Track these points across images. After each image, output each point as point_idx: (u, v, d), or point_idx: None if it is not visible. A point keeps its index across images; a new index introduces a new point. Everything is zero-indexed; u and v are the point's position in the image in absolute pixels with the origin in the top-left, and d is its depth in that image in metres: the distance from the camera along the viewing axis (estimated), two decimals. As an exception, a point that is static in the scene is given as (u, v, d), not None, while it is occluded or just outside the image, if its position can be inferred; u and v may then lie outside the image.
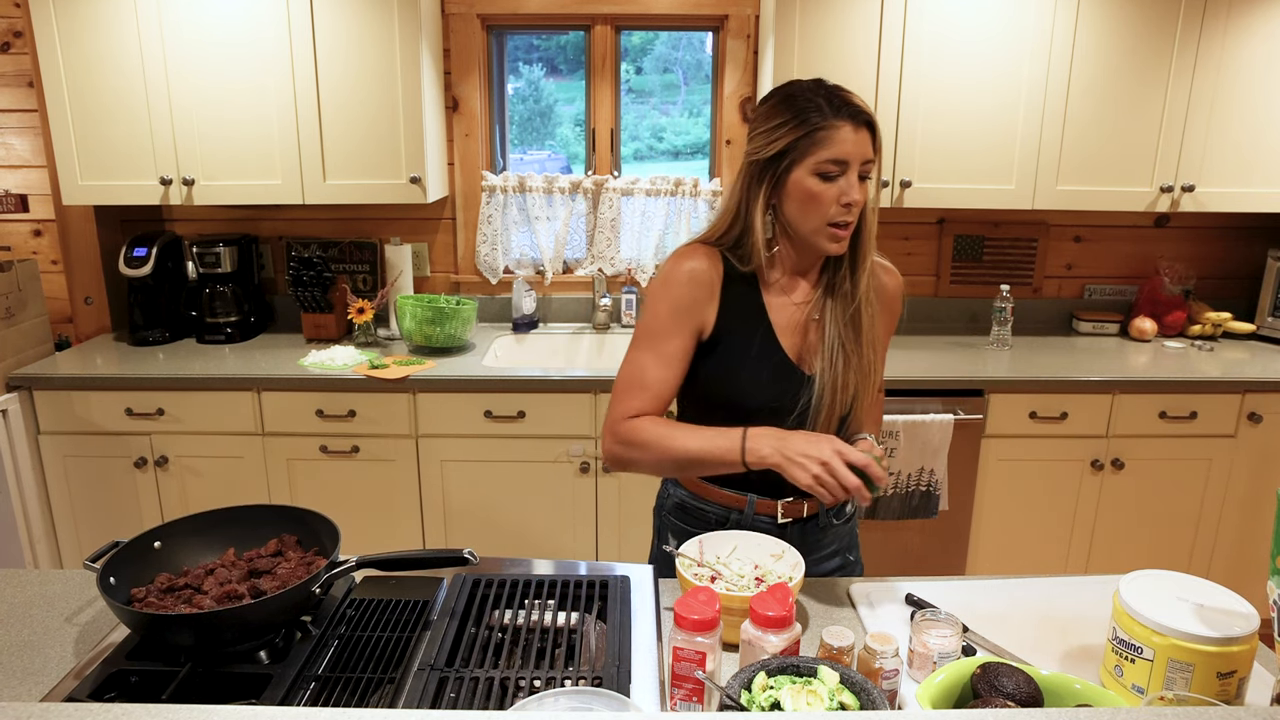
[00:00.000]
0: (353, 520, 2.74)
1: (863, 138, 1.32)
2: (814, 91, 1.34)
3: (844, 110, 1.31)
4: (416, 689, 1.09)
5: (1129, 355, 2.89)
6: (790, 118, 1.33)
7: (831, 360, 1.41)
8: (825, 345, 1.42)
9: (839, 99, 1.33)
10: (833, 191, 1.33)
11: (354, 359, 2.74)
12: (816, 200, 1.33)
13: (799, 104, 1.33)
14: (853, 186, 1.32)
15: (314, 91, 2.70)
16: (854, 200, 1.32)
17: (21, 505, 2.62)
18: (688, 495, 1.54)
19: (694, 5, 2.99)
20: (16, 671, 1.17)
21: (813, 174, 1.33)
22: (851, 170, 1.33)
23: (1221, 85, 2.72)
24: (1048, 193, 2.79)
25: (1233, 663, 1.04)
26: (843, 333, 1.42)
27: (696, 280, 1.41)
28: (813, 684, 1.02)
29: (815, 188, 1.33)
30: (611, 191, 3.12)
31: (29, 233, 2.89)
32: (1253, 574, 2.83)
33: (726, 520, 1.51)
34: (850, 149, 1.31)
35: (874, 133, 1.34)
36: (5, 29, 2.77)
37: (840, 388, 1.41)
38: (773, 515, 1.49)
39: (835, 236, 1.36)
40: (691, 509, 1.54)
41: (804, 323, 1.45)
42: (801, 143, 1.32)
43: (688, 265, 1.42)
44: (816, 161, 1.32)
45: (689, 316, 1.41)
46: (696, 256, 1.42)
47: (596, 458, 2.67)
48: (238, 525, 1.36)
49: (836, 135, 1.31)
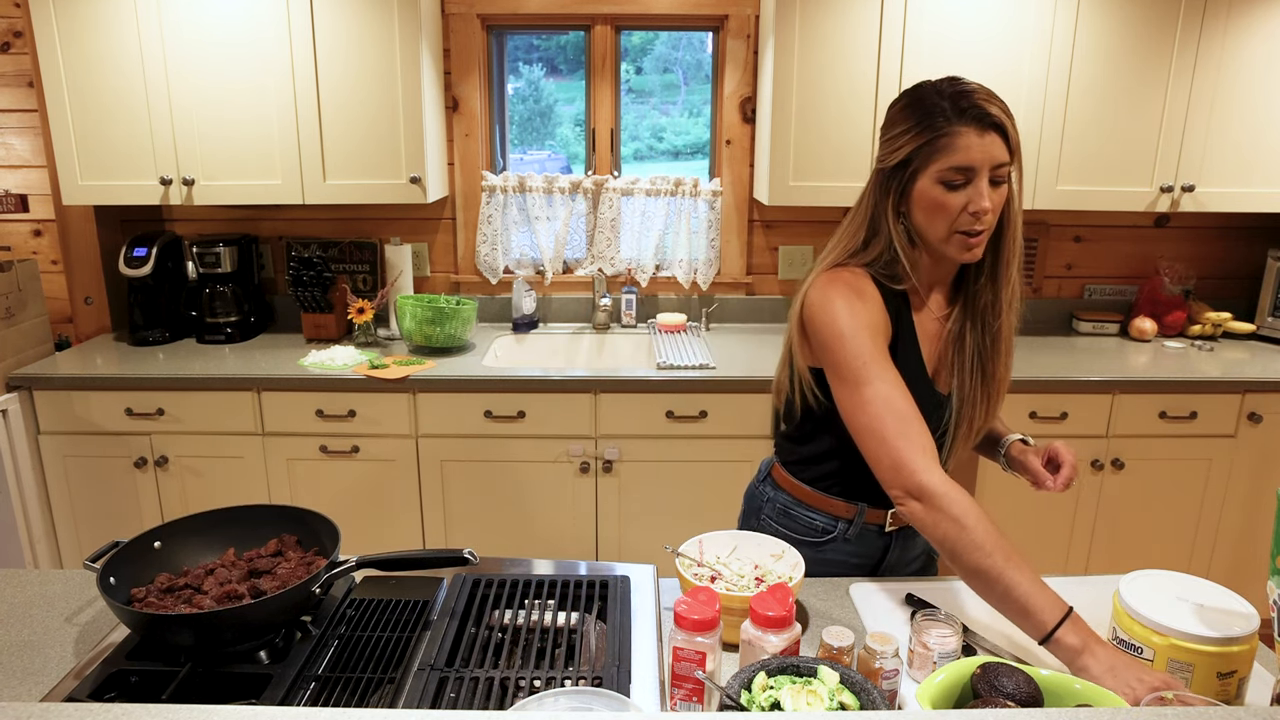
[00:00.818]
0: (353, 520, 2.74)
1: (990, 141, 1.23)
2: (939, 94, 1.26)
3: (968, 114, 1.22)
4: (416, 689, 1.09)
5: (1129, 355, 2.89)
6: (914, 123, 1.26)
7: (971, 379, 1.35)
8: (964, 362, 1.34)
9: (964, 101, 1.23)
10: (959, 200, 1.25)
11: (354, 359, 2.74)
12: (943, 209, 1.26)
13: (923, 108, 1.26)
14: (981, 194, 1.24)
15: (314, 91, 2.70)
16: (982, 209, 1.24)
17: (21, 505, 2.62)
18: (791, 501, 1.50)
19: (694, 5, 2.99)
20: (16, 671, 1.17)
21: (937, 182, 1.25)
22: (980, 177, 1.24)
23: (1221, 85, 2.72)
24: (1048, 193, 2.79)
25: (1233, 663, 1.04)
26: (983, 350, 1.34)
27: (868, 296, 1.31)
28: (813, 684, 1.02)
29: (940, 197, 1.25)
30: (611, 191, 3.12)
31: (29, 233, 2.89)
32: (1253, 574, 2.83)
33: (833, 529, 1.47)
34: (976, 155, 1.22)
35: (1006, 134, 1.24)
36: (5, 29, 2.77)
37: (979, 403, 1.36)
38: (880, 524, 1.47)
39: (967, 245, 1.28)
40: (797, 515, 1.49)
41: (944, 338, 1.38)
42: (924, 150, 1.25)
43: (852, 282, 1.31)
44: (940, 170, 1.24)
45: (882, 335, 1.31)
46: (855, 274, 1.33)
47: (596, 457, 2.67)
48: (238, 525, 1.36)
49: (959, 141, 1.22)
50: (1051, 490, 1.36)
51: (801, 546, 1.49)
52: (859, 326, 1.28)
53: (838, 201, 2.79)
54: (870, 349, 1.27)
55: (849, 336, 1.28)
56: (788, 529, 1.51)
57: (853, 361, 1.27)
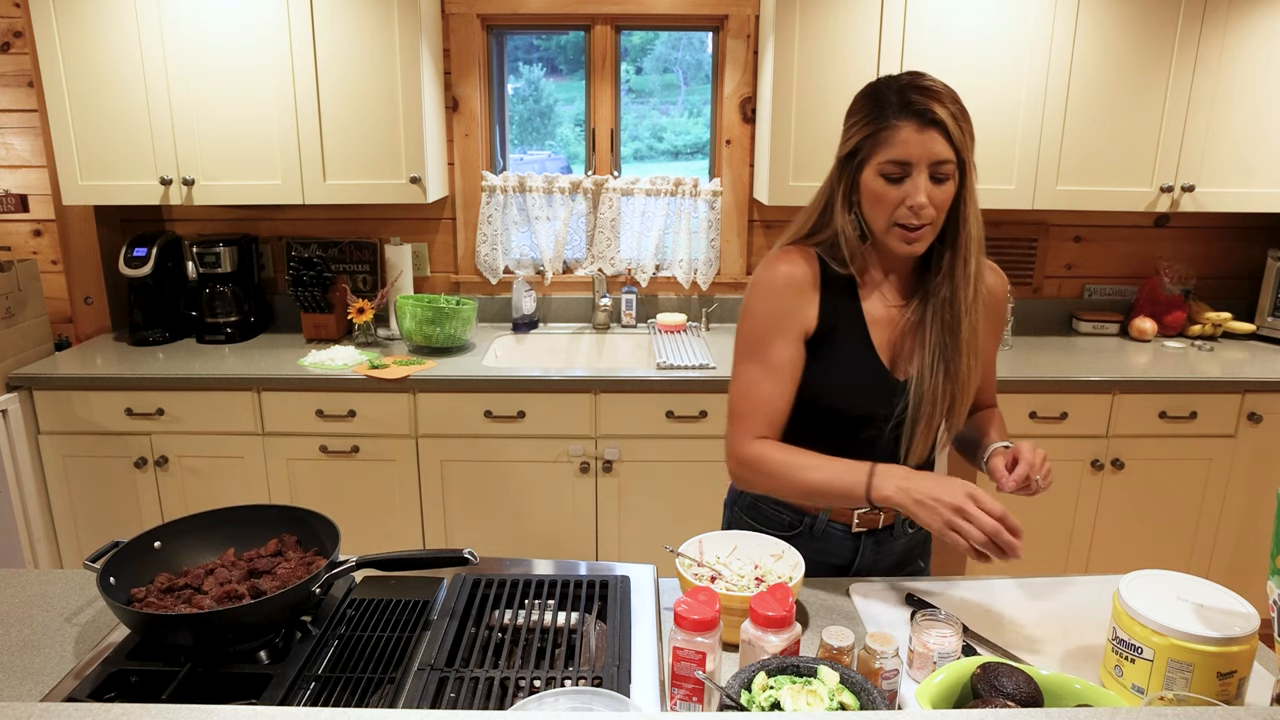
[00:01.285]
0: (353, 520, 2.74)
1: (930, 138, 1.24)
2: (891, 87, 1.28)
3: (910, 109, 1.25)
4: (416, 689, 1.09)
5: (1129, 355, 2.89)
6: (864, 115, 1.30)
7: (931, 368, 1.35)
8: (924, 352, 1.36)
9: (906, 97, 1.25)
10: (897, 193, 1.28)
11: (354, 359, 2.74)
12: (882, 201, 1.29)
13: (874, 101, 1.29)
14: (917, 189, 1.26)
15: (314, 91, 2.70)
16: (917, 204, 1.26)
17: (21, 505, 2.62)
18: (760, 495, 1.51)
19: (694, 5, 2.99)
20: (16, 671, 1.17)
21: (878, 174, 1.28)
22: (918, 172, 1.26)
23: (1221, 85, 2.72)
24: (1048, 192, 2.79)
25: (1233, 663, 1.04)
26: (943, 341, 1.35)
27: (793, 284, 1.36)
28: (813, 684, 1.02)
29: (880, 189, 1.29)
30: (611, 191, 3.12)
31: (29, 233, 2.89)
32: (1253, 574, 2.83)
33: (799, 525, 1.48)
34: (913, 150, 1.25)
35: (947, 131, 1.25)
36: (5, 29, 2.77)
37: (939, 397, 1.36)
38: (847, 524, 1.46)
39: (905, 238, 1.30)
40: (764, 509, 1.51)
41: (900, 327, 1.40)
42: (867, 142, 1.29)
43: (783, 269, 1.37)
44: (880, 162, 1.28)
45: (792, 322, 1.37)
46: (791, 260, 1.38)
47: (596, 457, 2.67)
48: (238, 525, 1.36)
49: (897, 136, 1.25)
50: (1004, 490, 1.33)
51: None
52: (763, 311, 1.36)
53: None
54: (761, 334, 1.36)
55: (749, 317, 1.38)
56: (757, 523, 1.52)
57: (742, 341, 1.39)
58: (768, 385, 1.36)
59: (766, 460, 1.34)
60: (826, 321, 1.37)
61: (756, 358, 1.37)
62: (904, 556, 1.55)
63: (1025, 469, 1.32)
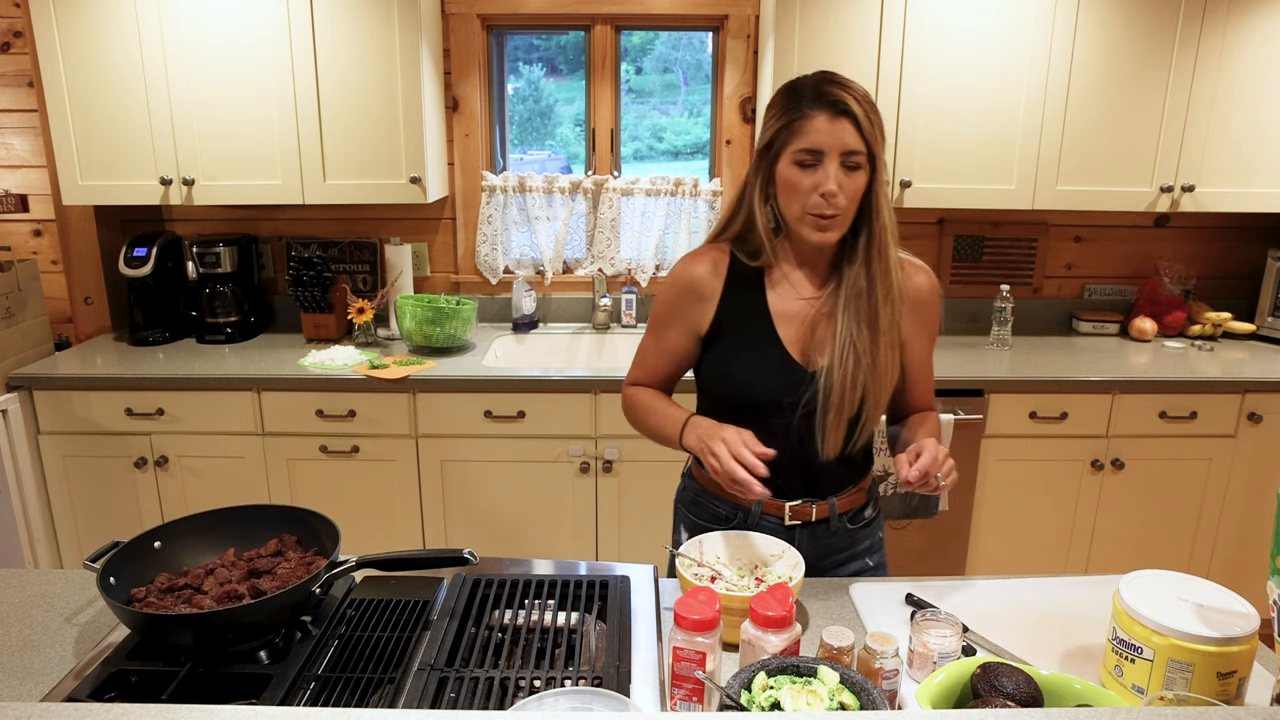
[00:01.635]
0: (353, 520, 2.74)
1: (841, 127, 1.31)
2: (806, 83, 1.35)
3: (820, 100, 1.31)
4: (416, 689, 1.09)
5: (1129, 355, 2.89)
6: (780, 108, 1.36)
7: (841, 358, 1.38)
8: (835, 342, 1.39)
9: (819, 89, 1.32)
10: (810, 181, 1.33)
11: (354, 359, 2.74)
12: (796, 189, 1.35)
13: (790, 95, 1.36)
14: (829, 176, 1.31)
15: (314, 91, 2.70)
16: (829, 190, 1.32)
17: (21, 505, 2.62)
18: (700, 489, 1.56)
19: (694, 5, 2.99)
20: (16, 671, 1.17)
21: (792, 163, 1.34)
22: (829, 160, 1.32)
23: (1221, 85, 2.72)
24: (1047, 193, 2.79)
25: (1233, 663, 1.04)
26: (855, 330, 1.38)
27: (692, 287, 1.47)
28: (813, 684, 1.02)
29: (794, 177, 1.34)
30: (611, 191, 3.12)
31: (29, 233, 2.89)
32: (1253, 574, 2.83)
33: (733, 517, 1.51)
34: (825, 139, 1.31)
35: (857, 122, 1.31)
36: (5, 29, 2.77)
37: (849, 387, 1.38)
38: (780, 516, 1.49)
39: (817, 225, 1.36)
40: (703, 503, 1.55)
41: (812, 318, 1.44)
42: (782, 133, 1.35)
43: (688, 272, 1.47)
44: (794, 151, 1.33)
45: (682, 319, 1.48)
46: (701, 262, 1.47)
47: (596, 457, 2.67)
48: (238, 525, 1.36)
49: (810, 125, 1.31)
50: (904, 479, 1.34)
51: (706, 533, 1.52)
52: (665, 302, 1.51)
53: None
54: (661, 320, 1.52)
55: (657, 302, 1.53)
56: (697, 517, 1.56)
57: (651, 316, 1.55)
58: (653, 355, 1.55)
59: (632, 399, 1.55)
60: (727, 317, 1.46)
61: (654, 333, 1.54)
62: (849, 554, 1.55)
63: (928, 459, 1.33)
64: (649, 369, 1.55)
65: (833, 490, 1.50)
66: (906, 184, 2.76)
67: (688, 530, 1.57)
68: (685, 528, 1.58)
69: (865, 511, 1.56)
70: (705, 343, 1.49)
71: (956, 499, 2.72)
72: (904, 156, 2.75)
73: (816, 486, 1.49)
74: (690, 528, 1.56)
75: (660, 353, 1.53)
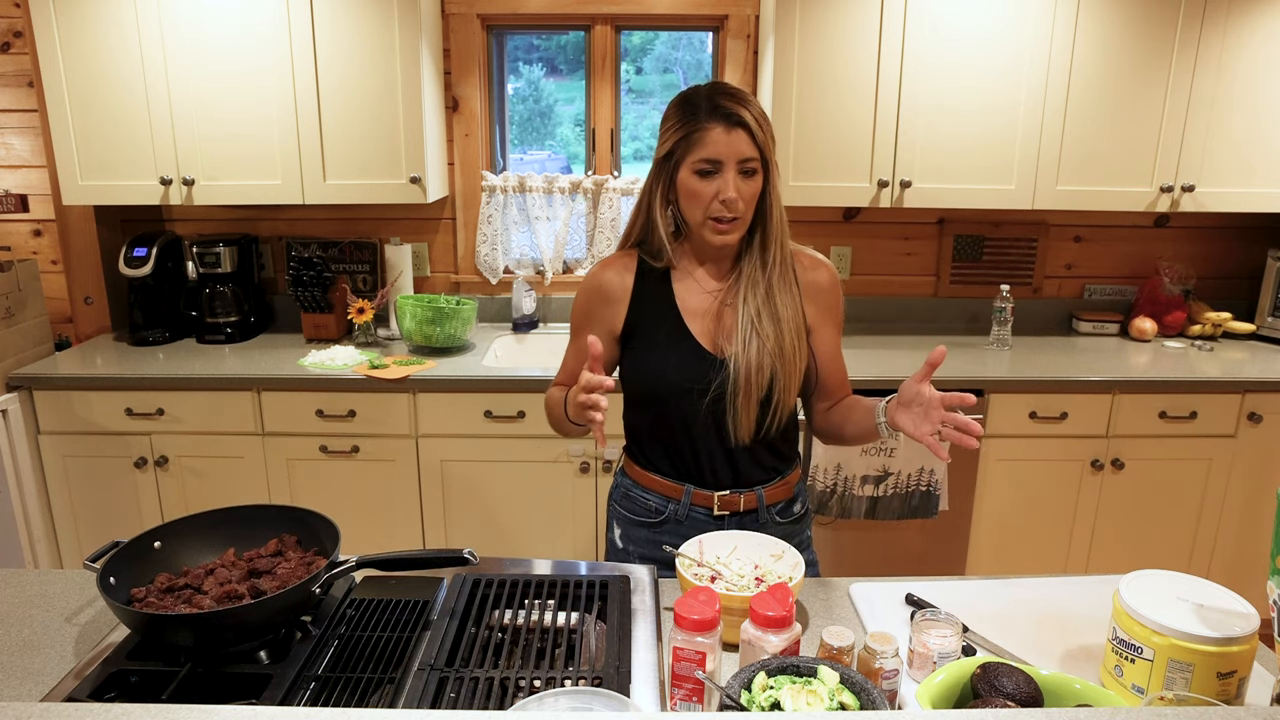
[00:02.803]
0: (353, 520, 2.74)
1: (736, 138, 1.38)
2: (700, 94, 1.42)
3: (718, 112, 1.38)
4: (416, 689, 1.09)
5: (1129, 355, 2.89)
6: (677, 121, 1.43)
7: (744, 342, 1.46)
8: (738, 328, 1.47)
9: (714, 102, 1.39)
10: (710, 188, 1.41)
11: (354, 359, 2.74)
12: (697, 197, 1.42)
13: (686, 107, 1.42)
14: (728, 184, 1.40)
15: (314, 91, 2.70)
16: (729, 197, 1.40)
17: (21, 505, 2.62)
18: (631, 484, 1.61)
19: (694, 5, 2.99)
20: (17, 671, 1.17)
21: (693, 172, 1.41)
22: (727, 169, 1.39)
23: (1221, 85, 2.72)
24: (1048, 193, 2.79)
25: (1233, 663, 1.04)
26: (754, 316, 1.47)
27: (600, 293, 1.54)
28: (813, 684, 1.02)
29: (695, 185, 1.42)
30: (611, 191, 3.12)
31: (29, 233, 2.89)
32: (1253, 574, 2.83)
33: (664, 510, 1.56)
34: (723, 149, 1.38)
35: (751, 131, 1.39)
36: (5, 29, 2.77)
37: (755, 369, 1.45)
38: (709, 507, 1.54)
39: (717, 230, 1.44)
40: (634, 497, 1.60)
41: (718, 309, 1.51)
42: (682, 144, 1.42)
43: (599, 277, 1.55)
44: (694, 161, 1.41)
45: (596, 322, 1.55)
46: (610, 267, 1.55)
47: (596, 457, 2.67)
48: (238, 525, 1.36)
49: (708, 136, 1.39)
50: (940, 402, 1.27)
51: (638, 528, 1.58)
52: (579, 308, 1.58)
53: (837, 201, 2.79)
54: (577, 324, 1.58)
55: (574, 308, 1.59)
56: (629, 511, 1.60)
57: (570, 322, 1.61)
58: (572, 359, 1.61)
59: (549, 397, 1.60)
60: (638, 316, 1.53)
61: (572, 338, 1.61)
62: None
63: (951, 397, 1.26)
64: (569, 372, 1.61)
65: (759, 481, 1.55)
66: (906, 184, 2.76)
67: (619, 525, 1.62)
68: (618, 523, 1.63)
69: (794, 506, 1.61)
70: (622, 342, 1.55)
71: (956, 499, 2.72)
72: (904, 156, 2.75)
73: (741, 476, 1.54)
74: (622, 523, 1.62)
75: (578, 355, 1.58)
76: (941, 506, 2.68)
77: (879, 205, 2.79)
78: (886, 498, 2.67)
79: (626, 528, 1.61)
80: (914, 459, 2.62)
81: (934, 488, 2.65)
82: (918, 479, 2.64)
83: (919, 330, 3.16)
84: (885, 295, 3.24)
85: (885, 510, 2.68)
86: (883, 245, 3.21)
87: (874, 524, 2.73)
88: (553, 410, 1.57)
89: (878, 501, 2.65)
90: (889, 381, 2.57)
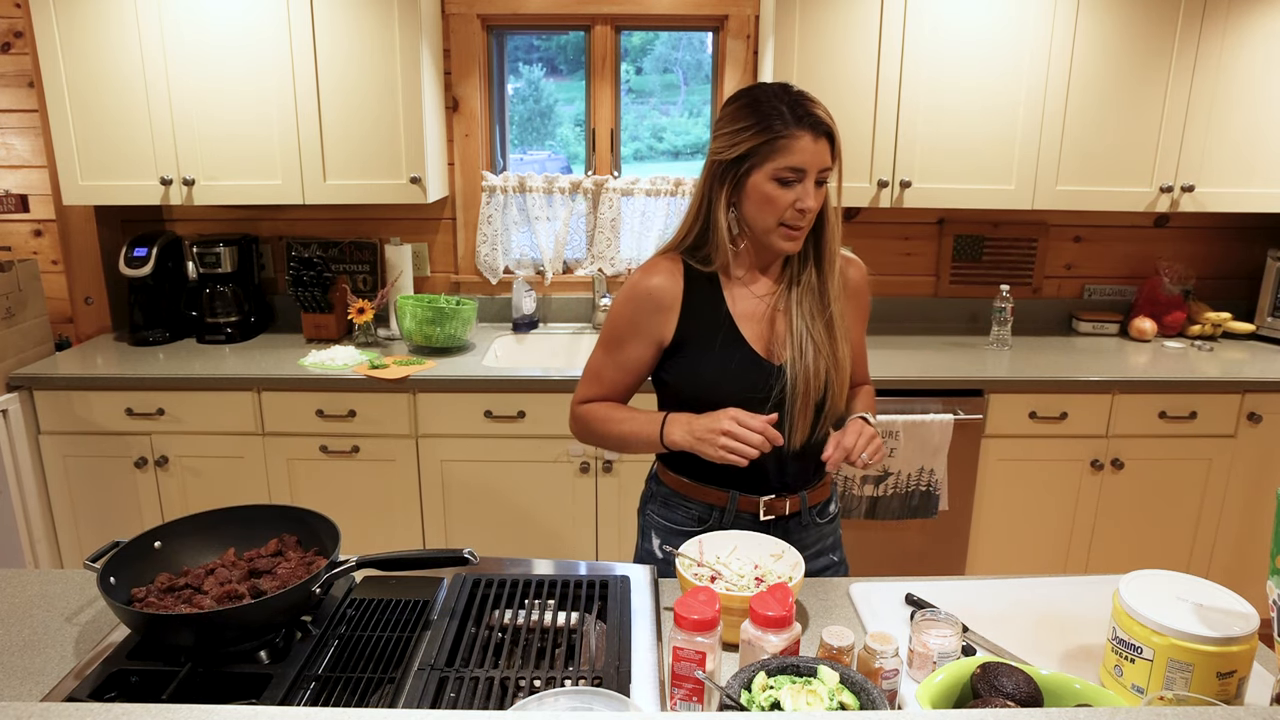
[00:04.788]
0: (353, 520, 2.74)
1: (822, 147, 1.36)
2: (778, 98, 1.37)
3: (805, 120, 1.35)
4: (416, 689, 1.09)
5: (1129, 355, 2.89)
6: (754, 123, 1.37)
7: (801, 349, 1.45)
8: (792, 335, 1.46)
9: (801, 108, 1.36)
10: (789, 197, 1.37)
11: (354, 359, 2.74)
12: (773, 204, 1.38)
13: (763, 109, 1.37)
14: (808, 193, 1.37)
15: (314, 91, 2.70)
16: (808, 207, 1.37)
17: (21, 505, 2.62)
18: (670, 492, 1.57)
19: (694, 5, 2.99)
20: (17, 671, 1.17)
21: (771, 179, 1.37)
22: (809, 178, 1.37)
23: (1221, 85, 2.72)
24: (1047, 193, 2.79)
25: (1232, 663, 1.04)
26: (809, 323, 1.46)
27: (655, 300, 1.47)
28: (813, 684, 1.02)
29: (773, 192, 1.38)
30: (611, 192, 3.12)
31: (29, 233, 2.89)
32: (1253, 574, 2.83)
33: (709, 517, 1.53)
34: (809, 158, 1.35)
35: (833, 142, 1.38)
36: (5, 29, 2.77)
37: (812, 375, 1.44)
38: (754, 512, 1.51)
39: (789, 236, 1.41)
40: (675, 505, 1.56)
41: (769, 315, 1.49)
42: (763, 149, 1.36)
43: (647, 284, 1.48)
44: (775, 168, 1.36)
45: (643, 332, 1.49)
46: (658, 273, 1.48)
47: (596, 457, 2.67)
48: (238, 525, 1.36)
49: (796, 145, 1.35)
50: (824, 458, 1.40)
51: (680, 536, 1.54)
52: (624, 317, 1.50)
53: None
54: (619, 334, 1.51)
55: (612, 316, 1.52)
56: (669, 520, 1.57)
57: (604, 331, 1.54)
58: (610, 372, 1.54)
59: (590, 413, 1.54)
60: (689, 322, 1.48)
61: (609, 350, 1.53)
62: (817, 549, 1.58)
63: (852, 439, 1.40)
64: (606, 384, 1.55)
65: (802, 484, 1.54)
66: (906, 184, 2.76)
67: (659, 535, 1.58)
68: (657, 533, 1.58)
69: (830, 506, 1.61)
70: (668, 351, 1.50)
71: (956, 499, 2.72)
72: (904, 156, 2.75)
73: (787, 480, 1.52)
74: (662, 532, 1.57)
75: (619, 367, 1.53)
76: (941, 506, 2.68)
77: (879, 205, 2.79)
78: (886, 498, 2.67)
79: (667, 537, 1.56)
80: (914, 459, 2.62)
81: (934, 488, 2.65)
82: (918, 479, 2.64)
83: (919, 330, 3.16)
84: (885, 295, 3.24)
85: (885, 510, 2.68)
86: (883, 245, 3.21)
87: (874, 524, 2.73)
88: (610, 429, 1.51)
89: (878, 501, 2.65)
90: (889, 381, 2.57)
